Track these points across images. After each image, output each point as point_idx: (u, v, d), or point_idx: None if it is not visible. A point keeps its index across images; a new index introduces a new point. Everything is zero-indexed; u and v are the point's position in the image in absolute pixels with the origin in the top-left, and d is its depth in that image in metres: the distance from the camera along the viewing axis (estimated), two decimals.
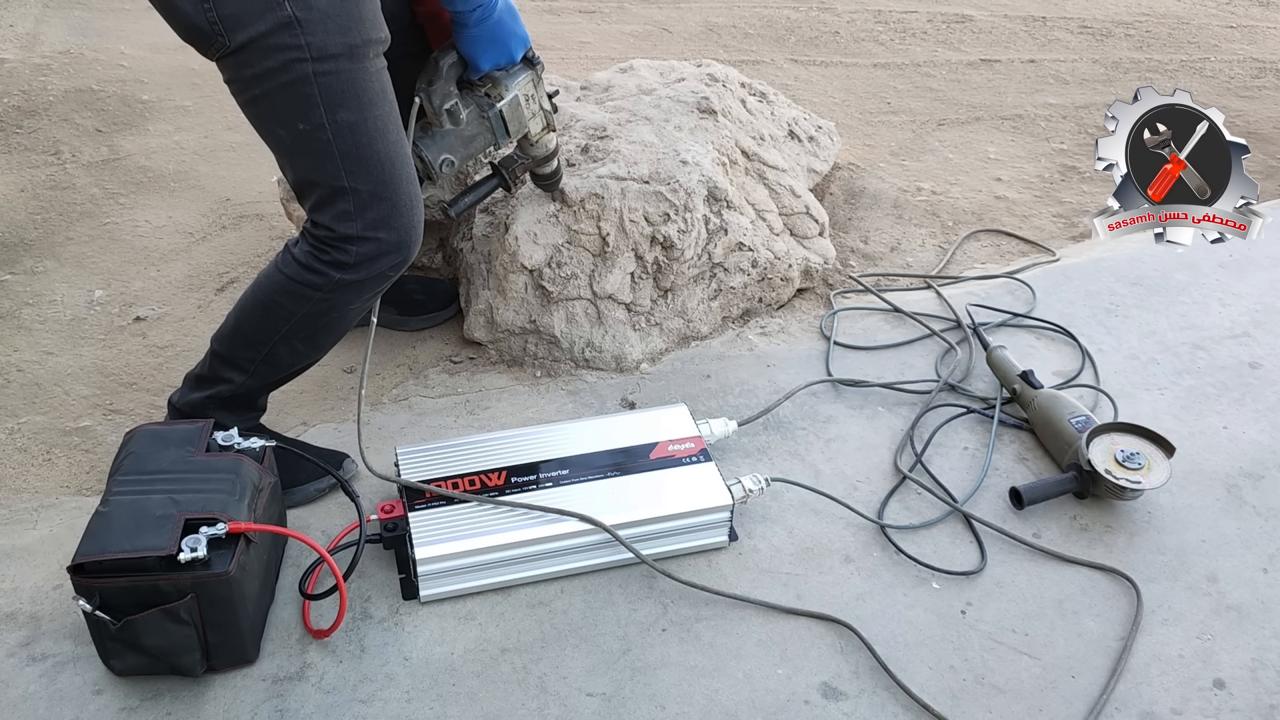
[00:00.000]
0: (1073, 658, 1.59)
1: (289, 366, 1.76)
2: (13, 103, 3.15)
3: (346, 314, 1.71)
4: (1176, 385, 2.14)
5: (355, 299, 1.68)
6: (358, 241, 1.61)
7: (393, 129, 1.60)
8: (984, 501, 1.86)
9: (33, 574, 1.67)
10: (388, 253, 1.64)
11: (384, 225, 1.62)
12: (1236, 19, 4.09)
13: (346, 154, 1.56)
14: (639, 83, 2.51)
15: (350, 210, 1.60)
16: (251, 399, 1.79)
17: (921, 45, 3.82)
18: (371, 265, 1.64)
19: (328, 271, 1.63)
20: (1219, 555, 1.76)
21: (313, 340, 1.73)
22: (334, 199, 1.59)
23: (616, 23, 3.94)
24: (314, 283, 1.64)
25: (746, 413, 2.01)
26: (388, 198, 1.61)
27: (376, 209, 1.60)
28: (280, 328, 1.69)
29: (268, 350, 1.71)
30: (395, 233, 1.63)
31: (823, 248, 2.45)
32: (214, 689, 1.50)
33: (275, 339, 1.70)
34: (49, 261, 2.49)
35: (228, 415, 1.75)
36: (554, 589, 1.67)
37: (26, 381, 2.13)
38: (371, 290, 1.69)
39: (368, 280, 1.66)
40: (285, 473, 1.75)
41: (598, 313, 2.15)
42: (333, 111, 1.52)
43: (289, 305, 1.67)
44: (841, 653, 1.58)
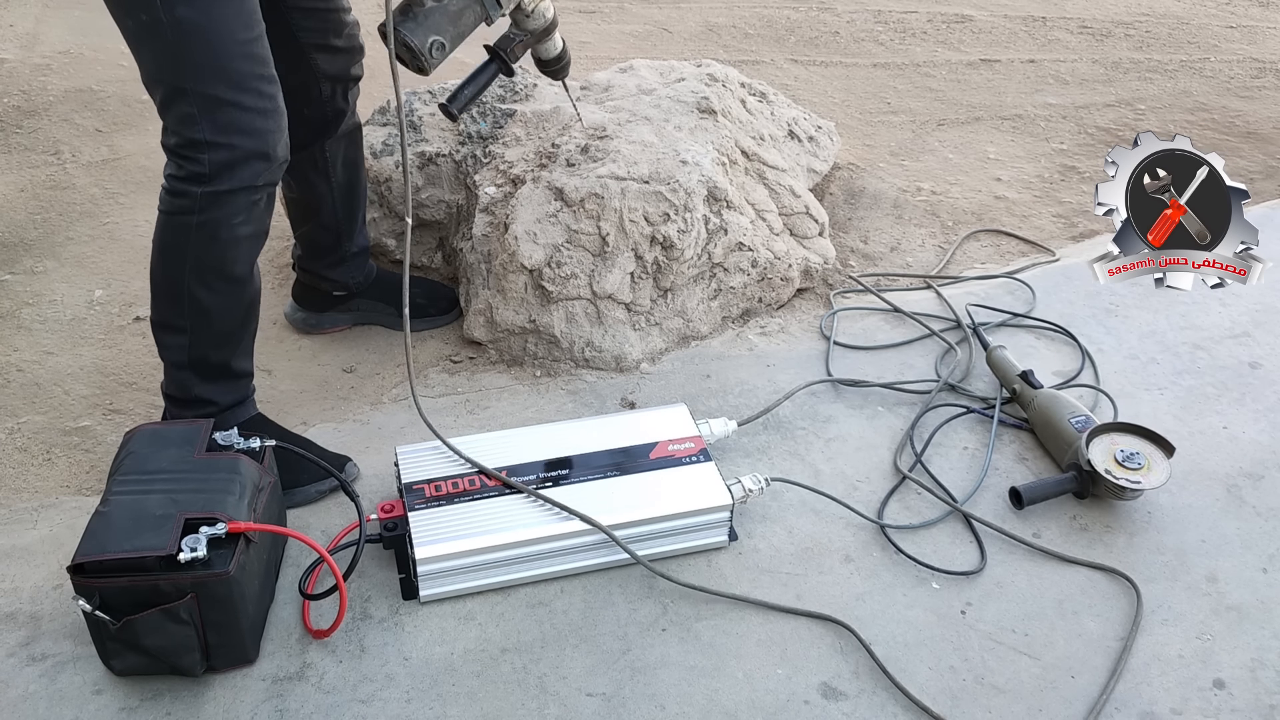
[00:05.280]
0: (1072, 658, 1.59)
1: (224, 311, 1.72)
2: (13, 103, 3.15)
3: (236, 235, 1.65)
4: (1176, 385, 2.14)
5: (234, 214, 1.62)
6: (208, 148, 1.56)
7: (241, 28, 1.53)
8: (984, 501, 1.86)
9: (33, 574, 1.67)
10: (246, 160, 1.59)
11: (234, 130, 1.56)
12: (1236, 19, 4.09)
13: (186, 53, 1.50)
14: (639, 83, 2.51)
15: (194, 114, 1.54)
16: (221, 365, 1.76)
17: (921, 45, 3.82)
18: (232, 174, 1.59)
19: (189, 189, 1.59)
20: (1219, 555, 1.76)
21: (222, 273, 1.68)
22: (176, 100, 1.54)
23: (616, 23, 3.94)
24: (184, 206, 1.61)
25: (746, 413, 2.01)
26: (235, 101, 1.54)
27: (224, 113, 1.55)
28: (183, 270, 1.66)
29: (188, 300, 1.68)
30: (250, 139, 1.57)
31: (822, 248, 2.45)
32: (214, 689, 1.51)
33: (186, 285, 1.67)
34: (49, 261, 2.49)
35: (210, 387, 1.73)
36: (554, 589, 1.67)
37: (26, 381, 2.13)
38: (246, 203, 1.63)
39: (236, 192, 1.60)
40: (286, 473, 1.74)
41: (597, 312, 2.15)
42: (170, 6, 1.46)
43: (177, 242, 1.64)
44: (841, 653, 1.58)
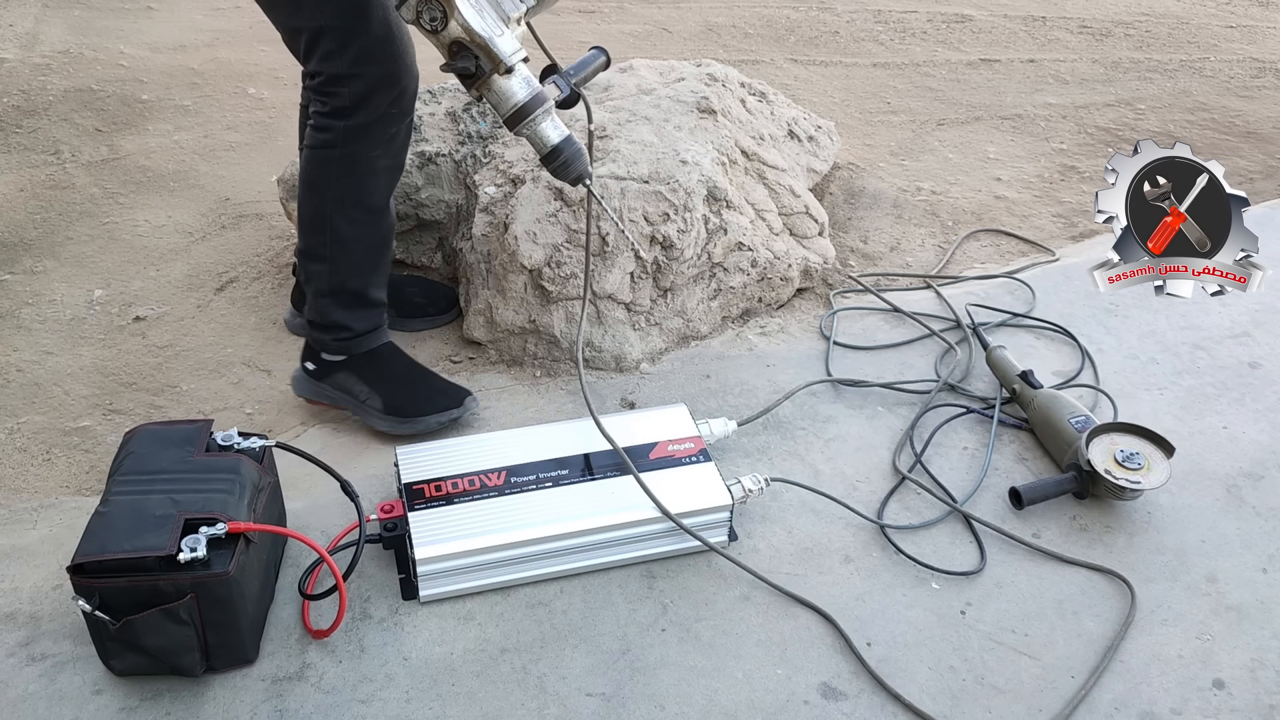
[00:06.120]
0: (1072, 658, 1.59)
1: (361, 241, 1.86)
2: (13, 103, 3.15)
3: (375, 168, 1.80)
4: (1176, 385, 2.14)
5: (372, 147, 1.77)
6: (347, 80, 1.71)
7: None
8: (983, 501, 1.86)
9: (32, 574, 1.67)
10: (379, 88, 1.73)
11: (367, 58, 1.70)
12: (1236, 19, 4.09)
13: None
14: (639, 82, 2.51)
15: (333, 49, 1.69)
16: (357, 292, 1.89)
17: (921, 45, 3.82)
18: (369, 105, 1.73)
19: (333, 123, 1.74)
20: (1219, 555, 1.76)
21: (360, 203, 1.82)
22: (316, 40, 1.70)
23: (616, 23, 3.94)
24: (327, 140, 1.76)
25: (746, 413, 2.01)
26: (363, 28, 1.68)
27: (356, 42, 1.68)
28: (325, 201, 1.81)
29: (330, 230, 1.83)
30: (380, 65, 1.71)
31: (822, 247, 2.45)
32: (213, 689, 1.51)
33: (328, 215, 1.82)
34: (49, 261, 2.49)
35: (346, 314, 1.89)
36: (554, 589, 1.67)
37: (26, 381, 2.13)
38: (383, 136, 1.77)
39: (374, 124, 1.75)
40: (409, 402, 1.91)
41: (597, 312, 2.15)
42: None
43: (321, 175, 1.79)
44: (841, 653, 1.58)
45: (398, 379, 1.95)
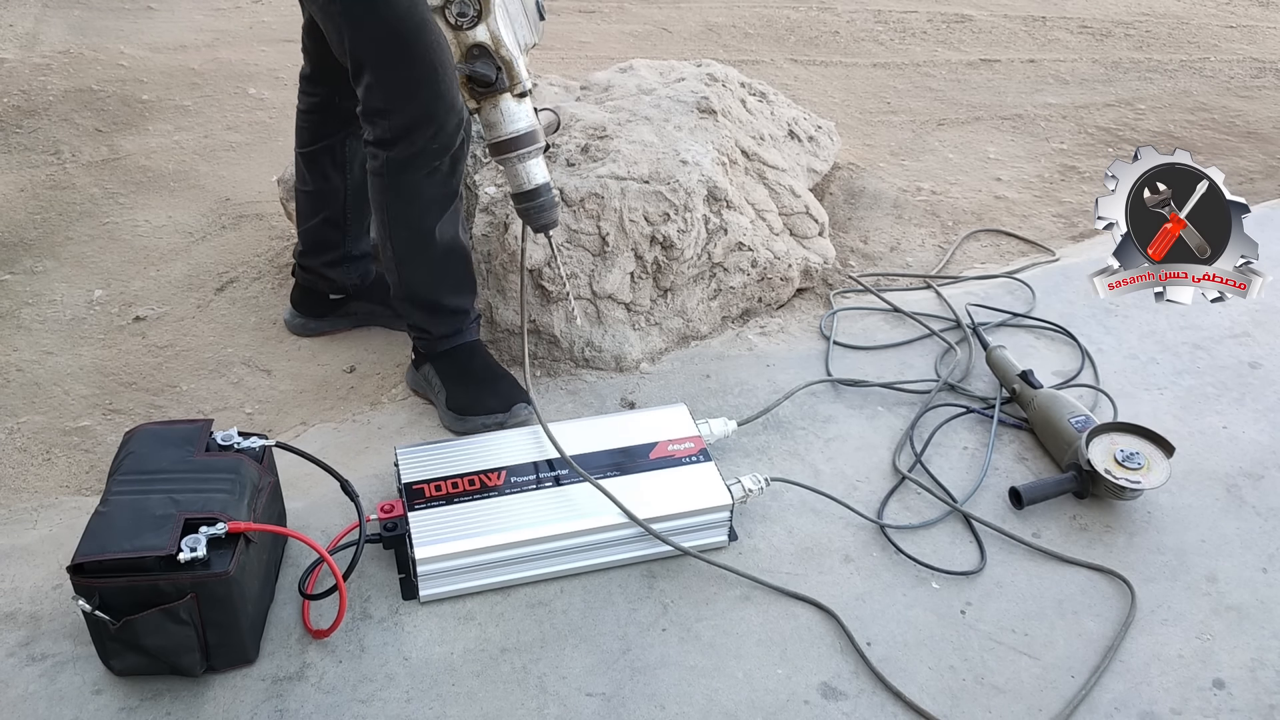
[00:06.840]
0: (1072, 658, 1.59)
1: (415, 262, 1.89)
2: (13, 103, 3.15)
3: (424, 198, 1.81)
4: (1176, 385, 2.14)
5: (417, 178, 1.78)
6: (386, 114, 1.73)
7: (405, 10, 1.65)
8: (983, 501, 1.86)
9: (32, 574, 1.67)
10: (419, 125, 1.73)
11: (406, 95, 1.71)
12: (1236, 19, 4.09)
13: (358, 24, 1.67)
14: (639, 82, 2.51)
15: (372, 83, 1.71)
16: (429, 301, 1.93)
17: (921, 45, 3.82)
18: (409, 139, 1.74)
19: (378, 152, 1.77)
20: (1219, 555, 1.76)
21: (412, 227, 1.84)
22: (360, 72, 1.71)
23: (616, 22, 3.94)
24: (376, 168, 1.80)
25: (746, 412, 2.01)
26: (404, 66, 1.68)
27: (395, 79, 1.70)
28: (383, 221, 1.86)
29: (389, 247, 1.88)
30: (419, 103, 1.71)
31: (822, 247, 2.45)
32: (213, 689, 1.50)
33: (388, 234, 1.87)
34: (49, 261, 2.49)
35: (424, 316, 1.94)
36: (554, 589, 1.67)
37: (26, 381, 2.13)
38: (424, 167, 1.77)
39: (415, 158, 1.76)
40: (463, 398, 1.93)
41: (597, 312, 2.15)
42: None
43: (377, 197, 1.84)
44: (841, 653, 1.58)
45: (466, 378, 1.97)
